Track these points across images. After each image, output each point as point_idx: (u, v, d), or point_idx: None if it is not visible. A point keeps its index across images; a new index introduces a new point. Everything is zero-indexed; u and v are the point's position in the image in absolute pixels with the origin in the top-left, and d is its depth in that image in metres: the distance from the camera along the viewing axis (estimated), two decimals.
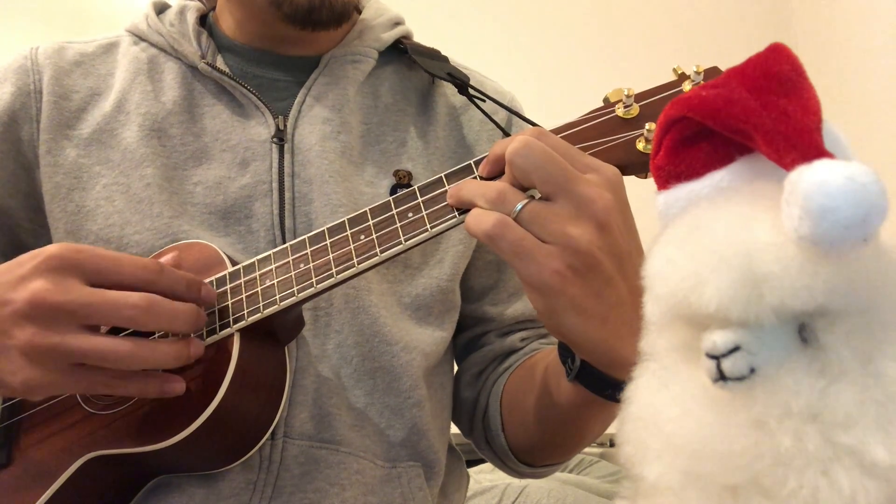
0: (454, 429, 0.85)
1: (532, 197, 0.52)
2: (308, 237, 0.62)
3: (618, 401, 0.36)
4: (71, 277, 0.54)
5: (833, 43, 2.00)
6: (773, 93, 0.33)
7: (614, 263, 0.51)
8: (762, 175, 0.34)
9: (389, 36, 0.84)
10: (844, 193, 0.27)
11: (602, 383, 0.58)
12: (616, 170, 0.53)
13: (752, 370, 0.30)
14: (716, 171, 0.36)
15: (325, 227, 0.61)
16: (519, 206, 0.51)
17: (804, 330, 0.30)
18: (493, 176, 0.56)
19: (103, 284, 0.55)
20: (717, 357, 0.30)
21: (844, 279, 0.28)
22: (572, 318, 0.51)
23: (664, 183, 0.37)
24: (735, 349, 0.30)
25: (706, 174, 0.36)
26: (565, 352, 0.62)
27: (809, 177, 0.28)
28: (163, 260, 0.61)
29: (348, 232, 0.60)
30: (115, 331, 0.59)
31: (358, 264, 0.58)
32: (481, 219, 0.51)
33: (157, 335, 0.62)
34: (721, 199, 0.34)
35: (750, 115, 0.32)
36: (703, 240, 0.31)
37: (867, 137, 1.76)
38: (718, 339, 0.30)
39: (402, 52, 0.84)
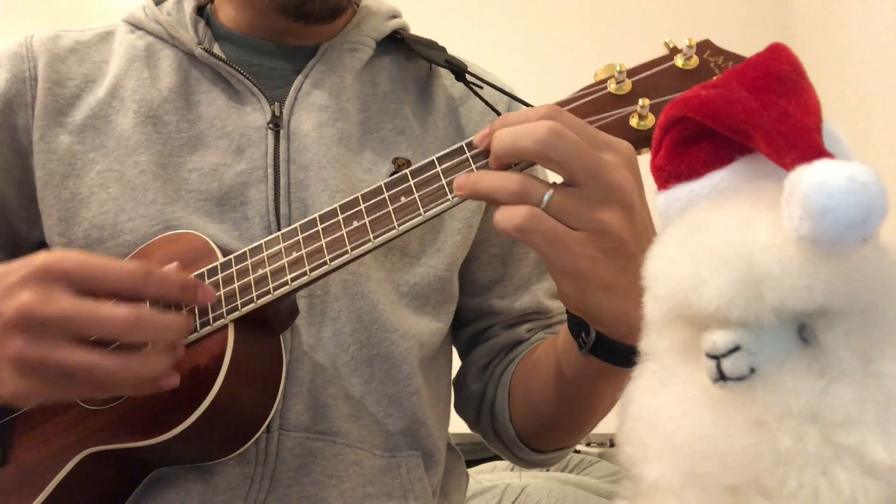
0: (453, 428, 0.85)
1: (553, 183, 0.52)
2: (300, 224, 0.61)
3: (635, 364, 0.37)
4: (58, 287, 0.53)
5: (833, 43, 2.00)
6: (773, 93, 0.33)
7: (636, 239, 0.52)
8: (762, 175, 0.34)
9: (387, 26, 0.84)
10: (845, 193, 0.27)
11: (617, 352, 0.58)
12: (629, 145, 0.53)
13: (752, 370, 0.30)
14: (716, 171, 0.36)
15: (316, 215, 0.61)
16: (546, 197, 0.50)
17: (804, 330, 0.30)
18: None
19: (92, 292, 0.55)
20: (717, 357, 0.30)
21: (844, 279, 0.28)
22: (600, 297, 0.52)
23: (664, 183, 0.37)
24: (735, 349, 0.30)
25: (706, 174, 0.36)
26: (577, 326, 0.61)
27: (810, 177, 0.28)
28: (154, 256, 0.60)
29: (340, 217, 0.59)
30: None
31: (351, 250, 0.58)
32: (511, 213, 0.51)
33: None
34: (721, 199, 0.34)
35: (750, 115, 0.32)
36: (703, 240, 0.31)
37: (867, 137, 1.76)
38: (718, 339, 0.30)
39: (400, 44, 0.84)
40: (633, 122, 0.56)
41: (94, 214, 0.71)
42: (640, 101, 0.56)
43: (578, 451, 1.99)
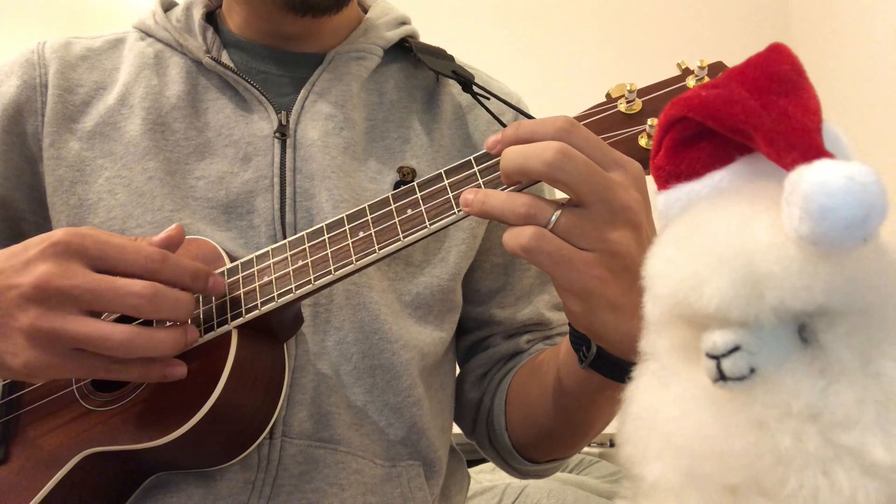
0: (455, 429, 0.85)
1: (560, 203, 0.52)
2: (306, 233, 0.61)
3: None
4: (76, 262, 0.54)
5: (833, 43, 2.00)
6: (773, 93, 0.33)
7: (643, 259, 0.52)
8: (762, 175, 0.34)
9: (394, 34, 0.84)
10: (845, 193, 0.27)
11: (618, 368, 0.58)
12: (639, 165, 0.53)
13: (752, 370, 0.30)
14: (716, 171, 0.36)
15: (323, 224, 0.61)
16: (554, 218, 0.51)
17: (804, 330, 0.30)
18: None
19: (108, 270, 0.55)
20: (717, 357, 0.30)
21: (844, 279, 0.28)
22: (607, 315, 0.52)
23: (664, 183, 0.37)
24: (735, 349, 0.30)
25: (706, 174, 0.36)
26: (578, 340, 0.62)
27: (810, 177, 0.28)
28: (161, 238, 0.61)
29: (346, 228, 0.60)
30: (123, 317, 0.60)
31: (356, 261, 0.58)
32: (518, 233, 0.51)
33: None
34: (721, 199, 0.34)
35: (750, 115, 0.32)
36: (703, 240, 0.31)
37: (867, 137, 1.76)
38: (718, 339, 0.30)
39: (408, 51, 0.84)
40: (643, 141, 0.56)
41: (101, 220, 0.71)
42: (650, 121, 0.56)
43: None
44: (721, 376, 0.30)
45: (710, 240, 0.31)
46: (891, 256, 0.30)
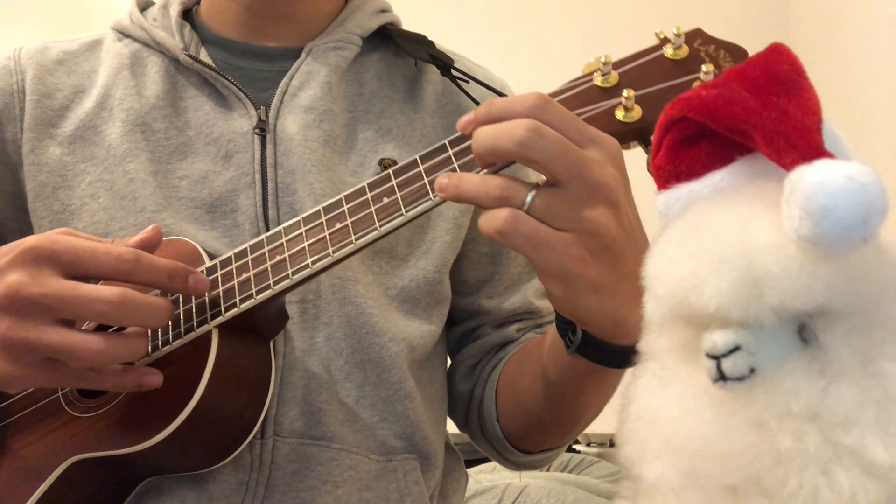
0: (453, 428, 0.84)
1: (536, 184, 0.51)
2: (283, 227, 0.60)
3: (626, 366, 0.37)
4: (47, 269, 0.53)
5: (833, 43, 2.00)
6: (773, 93, 0.33)
7: (624, 238, 0.51)
8: (762, 175, 0.34)
9: (373, 22, 0.83)
10: (845, 193, 0.27)
11: (604, 352, 0.58)
12: (615, 141, 0.52)
13: (752, 370, 0.30)
14: (716, 171, 0.36)
15: (300, 217, 0.60)
16: (528, 199, 0.50)
17: (804, 330, 0.30)
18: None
19: (81, 275, 0.54)
20: (717, 357, 0.30)
21: (844, 279, 0.28)
22: (589, 297, 0.51)
23: (664, 183, 0.37)
24: (735, 349, 0.30)
25: (706, 174, 0.36)
26: (564, 325, 0.61)
27: (810, 177, 0.28)
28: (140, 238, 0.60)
29: (323, 219, 0.58)
30: (103, 325, 0.59)
31: (333, 253, 0.57)
32: (492, 216, 0.50)
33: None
34: (721, 199, 0.34)
35: (750, 115, 0.32)
36: (703, 240, 0.31)
37: (867, 137, 1.76)
38: (718, 339, 0.30)
39: (388, 39, 0.83)
40: (619, 114, 0.55)
41: (85, 225, 0.71)
42: (626, 93, 0.54)
43: (578, 452, 1.99)
44: (721, 376, 0.30)
45: (710, 240, 0.31)
46: (891, 256, 0.30)
